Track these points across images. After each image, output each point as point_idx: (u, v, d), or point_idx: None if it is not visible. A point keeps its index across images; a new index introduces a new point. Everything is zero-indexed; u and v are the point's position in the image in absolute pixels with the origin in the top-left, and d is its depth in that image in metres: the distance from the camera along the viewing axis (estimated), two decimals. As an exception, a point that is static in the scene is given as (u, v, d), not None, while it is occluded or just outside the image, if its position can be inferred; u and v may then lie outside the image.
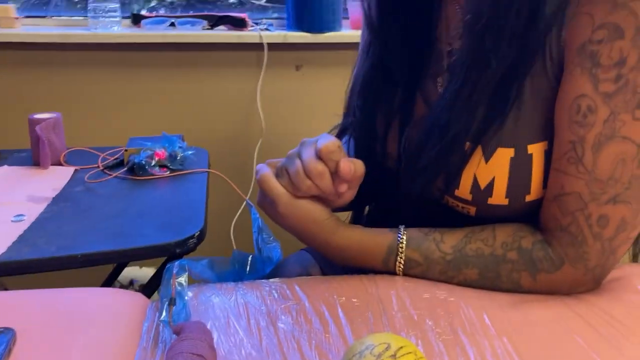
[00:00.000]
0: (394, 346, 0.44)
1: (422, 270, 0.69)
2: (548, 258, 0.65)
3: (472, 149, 0.67)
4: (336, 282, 0.69)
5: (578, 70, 0.61)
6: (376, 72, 0.82)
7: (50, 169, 1.19)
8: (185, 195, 1.06)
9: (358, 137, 0.85)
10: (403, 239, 0.70)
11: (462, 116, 0.67)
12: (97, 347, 0.55)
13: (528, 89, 0.65)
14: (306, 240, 0.74)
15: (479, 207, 0.70)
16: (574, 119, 0.62)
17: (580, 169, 0.62)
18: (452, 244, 0.69)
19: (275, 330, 0.59)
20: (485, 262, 0.67)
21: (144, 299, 0.68)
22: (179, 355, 0.49)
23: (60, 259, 0.80)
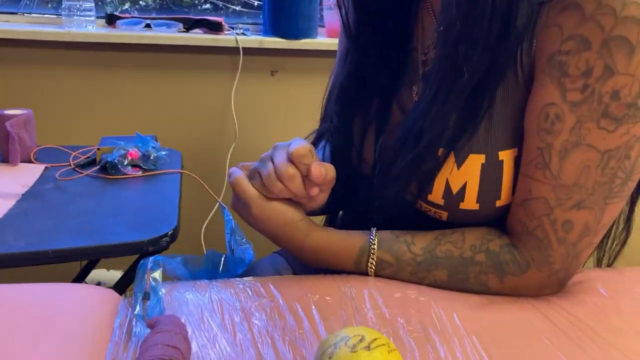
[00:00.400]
0: (367, 338, 0.45)
1: (393, 271, 0.70)
2: (515, 261, 0.67)
3: (445, 155, 0.69)
4: (310, 281, 0.70)
5: (547, 80, 0.63)
6: (353, 80, 0.83)
7: (19, 166, 1.18)
8: (158, 195, 1.05)
9: (335, 143, 0.87)
10: (375, 240, 0.71)
11: (436, 124, 0.69)
12: (68, 341, 0.55)
13: (500, 98, 0.67)
14: (279, 242, 0.74)
15: (451, 212, 0.71)
16: (542, 126, 0.64)
17: (547, 174, 0.64)
18: (422, 246, 0.70)
19: (250, 326, 0.60)
20: (454, 264, 0.69)
21: (115, 295, 0.68)
22: (154, 347, 0.49)
23: (30, 255, 0.79)
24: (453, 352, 0.57)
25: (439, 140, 0.69)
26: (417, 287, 0.69)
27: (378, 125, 0.81)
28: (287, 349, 0.56)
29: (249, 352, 0.55)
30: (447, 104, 0.68)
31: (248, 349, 0.56)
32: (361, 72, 0.82)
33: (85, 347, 0.55)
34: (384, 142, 0.79)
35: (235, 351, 0.55)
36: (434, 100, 0.69)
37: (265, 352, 0.55)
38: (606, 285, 0.72)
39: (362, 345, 0.44)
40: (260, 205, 0.71)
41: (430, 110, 0.69)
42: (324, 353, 0.45)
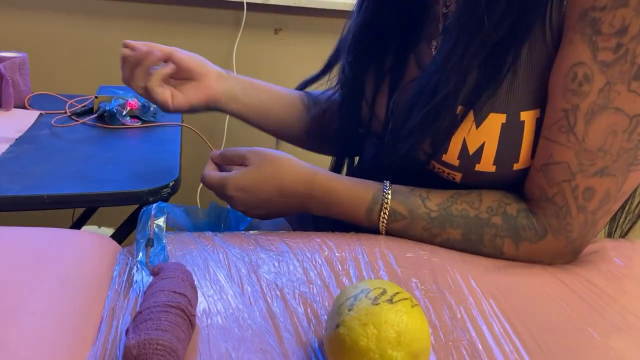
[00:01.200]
0: (389, 291, 0.43)
1: (406, 225, 0.68)
2: (532, 227, 0.65)
3: (463, 114, 0.66)
4: (318, 237, 0.67)
5: (578, 37, 0.60)
6: (368, 30, 0.80)
7: (13, 111, 1.13)
8: (158, 147, 1.02)
9: (345, 94, 0.84)
10: (389, 190, 0.68)
11: (451, 78, 0.65)
12: (65, 287, 0.52)
13: (525, 56, 0.64)
14: (285, 193, 0.71)
15: (466, 174, 0.68)
16: (569, 87, 0.61)
17: (570, 138, 0.61)
18: (437, 202, 0.67)
19: (258, 279, 0.57)
20: (469, 224, 0.66)
21: (114, 244, 0.65)
22: (160, 293, 0.46)
23: (25, 199, 0.75)
24: (470, 313, 0.54)
25: (455, 95, 0.66)
26: (429, 247, 0.66)
27: (392, 80, 0.77)
28: (297, 303, 0.53)
29: (258, 304, 0.53)
30: (466, 57, 0.64)
31: (257, 301, 0.53)
32: (376, 22, 0.78)
33: (84, 293, 0.53)
34: (397, 98, 0.76)
35: (244, 303, 0.53)
36: (452, 52, 0.66)
37: (276, 305, 0.53)
38: (620, 254, 0.70)
39: (384, 298, 0.42)
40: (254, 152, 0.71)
41: (447, 62, 0.66)
42: (343, 304, 0.43)
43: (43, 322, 0.47)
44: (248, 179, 0.70)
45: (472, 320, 0.53)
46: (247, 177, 0.70)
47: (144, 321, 0.43)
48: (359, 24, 0.81)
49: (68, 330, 0.48)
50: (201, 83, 0.85)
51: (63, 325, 0.48)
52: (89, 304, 0.52)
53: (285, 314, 0.52)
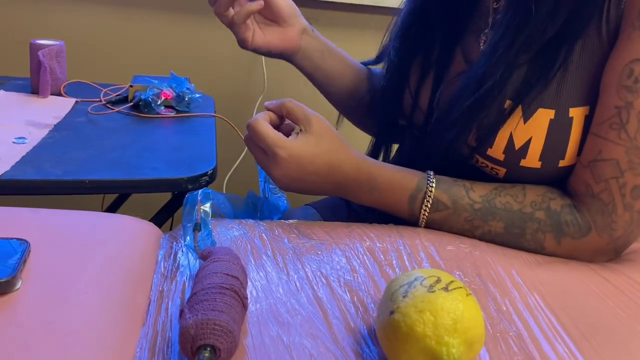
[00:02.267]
0: (444, 279, 0.43)
1: (448, 214, 0.67)
2: (575, 223, 0.64)
3: (512, 108, 0.66)
4: (358, 227, 0.67)
5: (636, 34, 0.60)
6: (415, 19, 0.80)
7: (49, 98, 1.15)
8: (194, 136, 1.03)
9: (388, 82, 0.83)
10: (433, 179, 0.68)
11: (498, 70, 0.65)
12: (113, 268, 0.53)
13: (578, 52, 0.63)
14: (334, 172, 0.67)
15: (510, 169, 0.68)
16: (624, 83, 0.61)
17: (622, 135, 0.61)
18: (481, 194, 0.67)
19: (302, 266, 0.58)
20: (512, 217, 0.66)
21: (156, 229, 0.66)
22: (214, 275, 0.47)
23: (67, 183, 0.77)
24: (515, 306, 0.54)
25: (501, 88, 0.65)
26: (469, 241, 0.66)
27: (438, 72, 0.77)
28: (343, 290, 0.54)
29: (305, 291, 0.53)
30: (512, 50, 0.64)
31: (303, 288, 0.54)
32: (425, 11, 0.78)
33: (130, 275, 0.54)
34: (443, 91, 0.75)
35: (290, 289, 0.53)
36: (499, 44, 0.66)
37: (322, 292, 0.53)
38: (662, 255, 0.70)
39: (440, 286, 0.42)
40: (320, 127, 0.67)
41: (493, 55, 0.66)
42: (397, 292, 0.43)
43: (94, 301, 0.48)
44: (305, 148, 0.66)
45: (517, 312, 0.53)
46: (306, 146, 0.66)
47: (200, 302, 0.43)
48: (408, 11, 0.81)
49: (118, 310, 0.48)
50: (285, 31, 0.86)
51: (113, 305, 0.48)
52: (136, 286, 0.53)
53: (332, 300, 0.52)
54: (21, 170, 0.78)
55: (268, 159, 0.66)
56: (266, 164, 0.67)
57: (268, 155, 0.66)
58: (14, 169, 0.78)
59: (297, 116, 0.68)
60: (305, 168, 0.66)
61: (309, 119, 0.67)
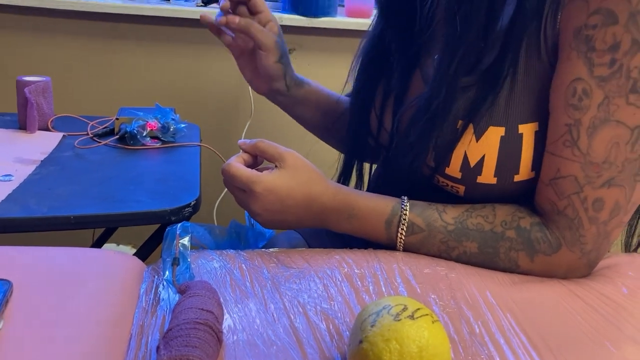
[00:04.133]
0: (410, 307, 0.44)
1: (423, 237, 0.69)
2: (546, 240, 0.66)
3: (463, 127, 0.68)
4: (337, 253, 0.69)
5: (574, 54, 0.63)
6: (376, 45, 0.83)
7: (37, 134, 1.16)
8: (178, 166, 1.04)
9: (354, 103, 0.87)
10: (407, 203, 0.70)
11: (441, 90, 0.68)
12: (94, 306, 0.54)
13: (522, 71, 0.66)
14: (312, 203, 0.70)
15: (468, 186, 0.70)
16: (570, 102, 0.63)
17: (575, 152, 0.63)
18: (453, 216, 0.69)
19: (280, 295, 0.59)
20: (484, 237, 0.68)
21: (138, 262, 0.67)
22: (188, 311, 0.48)
23: (53, 220, 0.78)
24: (488, 327, 0.56)
25: (447, 107, 0.68)
26: (446, 263, 0.68)
27: (397, 95, 0.80)
28: (319, 319, 0.55)
29: (282, 321, 0.54)
30: (451, 69, 0.67)
31: (280, 318, 0.55)
32: (384, 38, 0.82)
33: (112, 312, 0.55)
34: (403, 114, 0.78)
35: (268, 319, 0.55)
36: (439, 65, 0.69)
37: (299, 322, 0.54)
38: (635, 269, 0.71)
39: (406, 314, 0.43)
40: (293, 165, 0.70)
41: (436, 75, 0.69)
42: (365, 321, 0.44)
43: (77, 339, 0.49)
44: (281, 181, 0.68)
45: (490, 335, 0.55)
46: (281, 180, 0.68)
47: (174, 338, 0.45)
48: (370, 37, 0.85)
49: (100, 346, 0.49)
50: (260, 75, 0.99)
51: (95, 342, 0.49)
52: (117, 321, 0.54)
53: (308, 330, 0.53)
54: (7, 208, 0.79)
55: (246, 196, 0.69)
56: (245, 202, 0.70)
57: (246, 192, 0.69)
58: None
59: (271, 154, 0.71)
60: (283, 201, 0.69)
61: (282, 155, 0.70)
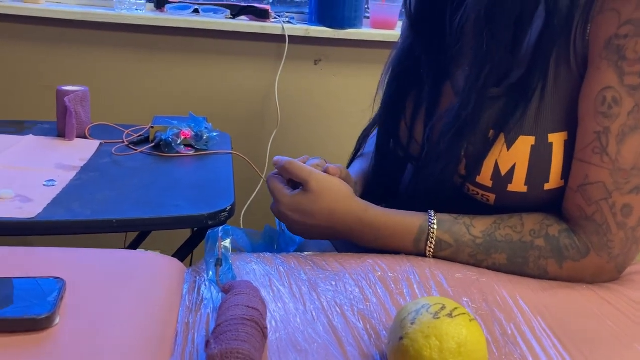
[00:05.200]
0: (449, 306, 0.46)
1: (452, 252, 0.71)
2: (574, 246, 0.68)
3: (494, 137, 0.70)
4: (370, 258, 0.71)
5: (605, 64, 0.65)
6: (406, 57, 0.85)
7: (75, 141, 1.21)
8: (212, 173, 1.08)
9: (384, 114, 0.88)
10: (434, 220, 0.72)
11: (470, 100, 0.71)
12: (140, 305, 0.57)
13: (551, 82, 0.68)
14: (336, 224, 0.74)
15: (499, 195, 0.72)
16: (599, 109, 0.65)
17: (604, 159, 0.65)
18: (481, 229, 0.71)
19: (318, 296, 0.61)
20: (513, 248, 0.69)
21: (179, 264, 0.69)
22: (235, 308, 0.51)
23: (96, 223, 0.82)
24: (520, 329, 0.57)
25: (476, 117, 0.70)
26: (476, 268, 0.70)
27: (429, 107, 0.82)
28: (357, 319, 0.57)
29: (321, 320, 0.57)
30: (480, 81, 0.70)
31: (319, 317, 0.57)
32: (414, 50, 0.83)
33: (157, 310, 0.57)
34: (435, 124, 0.80)
35: (307, 318, 0.57)
36: (468, 77, 0.71)
37: (337, 321, 0.57)
38: (664, 276, 0.72)
39: (444, 313, 0.45)
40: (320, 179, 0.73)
41: (465, 86, 0.71)
42: (405, 319, 0.47)
43: (126, 334, 0.52)
44: (304, 205, 0.74)
45: (522, 335, 0.56)
46: (304, 203, 0.74)
47: (224, 332, 0.47)
48: (399, 49, 0.87)
49: (148, 341, 0.52)
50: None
51: (144, 338, 0.52)
52: (163, 319, 0.57)
53: (347, 329, 0.56)
54: (52, 211, 0.83)
55: (278, 213, 0.76)
56: (279, 217, 0.77)
57: (278, 209, 0.76)
58: (46, 211, 0.83)
59: (297, 177, 0.76)
60: (306, 222, 0.74)
61: (306, 179, 0.74)
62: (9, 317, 0.49)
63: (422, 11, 0.83)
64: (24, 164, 1.03)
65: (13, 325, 0.49)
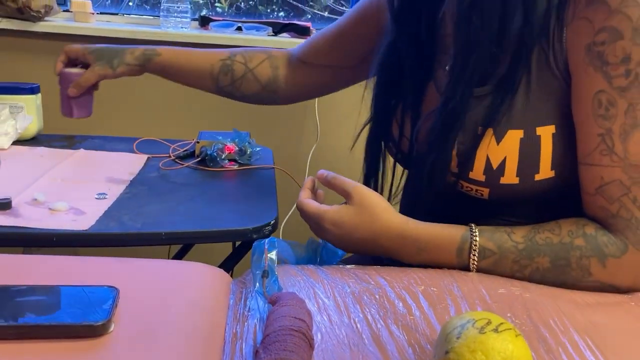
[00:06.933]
0: (494, 322, 0.47)
1: (495, 260, 0.71)
2: (612, 242, 0.69)
3: (483, 132, 0.73)
4: (413, 272, 0.71)
5: (591, 69, 0.67)
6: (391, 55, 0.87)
7: (124, 155, 1.25)
8: (255, 187, 1.10)
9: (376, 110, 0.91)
10: (475, 229, 0.73)
11: (455, 94, 0.73)
12: (189, 311, 0.59)
13: (535, 79, 0.71)
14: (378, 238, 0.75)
15: (492, 188, 0.74)
16: (598, 112, 0.68)
17: (614, 158, 0.67)
18: (522, 234, 0.72)
19: (362, 308, 0.62)
20: (555, 250, 0.70)
21: (225, 274, 0.71)
22: (283, 319, 0.52)
23: (146, 235, 0.84)
24: (564, 347, 0.57)
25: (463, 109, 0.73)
26: (520, 283, 0.70)
27: (413, 107, 0.84)
28: (400, 332, 0.58)
29: (366, 332, 0.58)
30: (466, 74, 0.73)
31: (364, 330, 0.58)
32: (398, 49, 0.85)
33: (206, 319, 0.59)
34: (422, 124, 0.82)
35: (352, 330, 0.58)
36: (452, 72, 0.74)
37: (381, 334, 0.58)
38: None
39: (490, 328, 0.46)
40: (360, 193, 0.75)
41: (450, 81, 0.74)
42: (450, 334, 0.47)
43: (178, 342, 0.54)
44: (346, 217, 0.75)
45: (566, 353, 0.56)
46: (346, 216, 0.75)
47: (272, 343, 0.49)
48: (384, 49, 0.89)
49: (198, 350, 0.54)
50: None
51: (194, 346, 0.54)
52: (212, 328, 0.58)
53: (391, 341, 0.56)
54: (104, 224, 0.86)
55: (318, 228, 0.78)
56: (319, 233, 0.79)
57: (318, 225, 0.77)
58: (98, 223, 0.86)
59: (340, 190, 0.78)
60: (350, 235, 0.75)
61: (349, 192, 0.76)
62: (66, 323, 0.51)
63: (405, 4, 0.85)
64: (76, 177, 1.08)
65: (70, 331, 0.51)
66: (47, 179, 1.05)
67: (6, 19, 1.77)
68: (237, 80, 1.14)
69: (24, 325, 0.51)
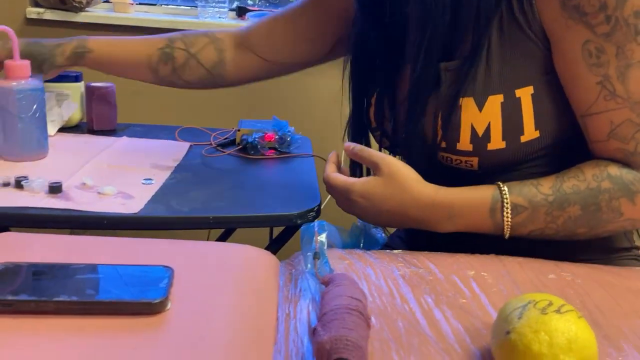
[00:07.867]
0: (556, 303, 0.46)
1: (528, 215, 0.71)
2: (638, 179, 0.70)
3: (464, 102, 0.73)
4: (461, 257, 0.71)
5: (571, 22, 0.68)
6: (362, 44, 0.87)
7: (167, 143, 1.27)
8: (297, 175, 1.11)
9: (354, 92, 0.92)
10: (504, 187, 0.73)
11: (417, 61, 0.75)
12: (240, 292, 0.59)
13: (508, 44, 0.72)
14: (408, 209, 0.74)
15: (481, 156, 0.75)
16: (590, 62, 0.69)
17: (618, 100, 0.69)
18: (549, 185, 0.72)
19: (412, 292, 0.62)
20: (584, 197, 0.70)
21: (273, 257, 0.71)
22: (339, 298, 0.53)
23: (194, 219, 0.86)
24: (621, 331, 0.56)
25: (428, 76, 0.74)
26: (569, 269, 0.69)
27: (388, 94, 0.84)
28: (455, 315, 0.58)
29: (419, 315, 0.58)
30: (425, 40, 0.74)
31: (416, 312, 0.58)
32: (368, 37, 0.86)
33: (257, 299, 0.60)
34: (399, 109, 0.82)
35: (405, 313, 0.58)
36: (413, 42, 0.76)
37: (435, 316, 0.58)
38: None
39: (552, 309, 0.45)
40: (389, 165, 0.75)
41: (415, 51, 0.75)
42: (511, 314, 0.47)
43: (232, 320, 0.55)
44: (376, 189, 0.74)
45: (625, 339, 0.55)
46: (375, 187, 0.75)
47: (331, 321, 0.49)
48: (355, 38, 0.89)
49: (252, 328, 0.55)
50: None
51: (248, 325, 0.55)
52: (265, 307, 0.59)
53: (446, 325, 0.56)
54: (153, 208, 0.87)
55: (346, 202, 0.77)
56: (346, 207, 0.78)
57: (346, 198, 0.77)
58: (146, 207, 0.87)
59: (368, 162, 0.78)
60: (379, 207, 0.75)
61: (377, 163, 0.76)
62: (126, 300, 0.53)
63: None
64: (121, 163, 1.10)
65: (129, 307, 0.52)
66: (94, 164, 1.07)
67: (50, 10, 1.81)
68: (179, 67, 1.10)
69: (86, 302, 0.52)
